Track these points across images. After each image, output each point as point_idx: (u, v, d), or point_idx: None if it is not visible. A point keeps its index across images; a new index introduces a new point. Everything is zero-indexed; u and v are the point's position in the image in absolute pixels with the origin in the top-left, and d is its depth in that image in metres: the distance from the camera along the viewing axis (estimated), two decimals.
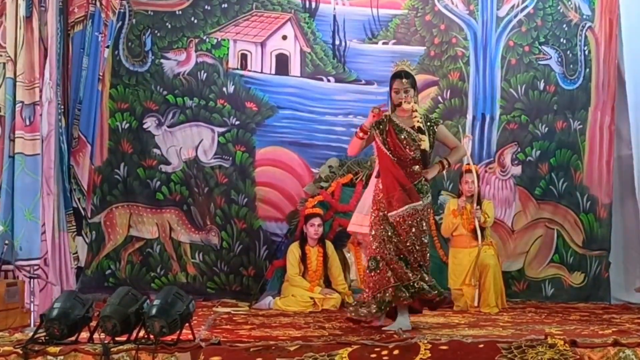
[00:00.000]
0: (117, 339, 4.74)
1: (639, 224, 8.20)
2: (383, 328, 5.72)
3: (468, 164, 7.76)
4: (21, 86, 6.36)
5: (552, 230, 8.71)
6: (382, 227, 5.81)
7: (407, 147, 5.83)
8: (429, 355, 4.51)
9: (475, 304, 7.39)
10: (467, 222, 7.57)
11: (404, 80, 5.87)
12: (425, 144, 5.77)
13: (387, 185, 5.82)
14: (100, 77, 7.51)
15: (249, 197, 8.54)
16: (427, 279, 5.80)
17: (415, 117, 5.82)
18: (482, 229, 7.53)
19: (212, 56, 8.60)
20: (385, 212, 5.79)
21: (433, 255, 7.96)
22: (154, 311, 4.69)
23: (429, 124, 5.96)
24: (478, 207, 7.52)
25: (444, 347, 4.56)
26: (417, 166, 5.83)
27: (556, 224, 8.71)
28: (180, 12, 8.57)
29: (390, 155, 5.84)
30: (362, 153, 8.47)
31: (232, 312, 7.25)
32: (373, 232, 5.87)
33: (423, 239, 5.81)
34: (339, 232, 8.23)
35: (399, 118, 5.93)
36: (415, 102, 5.92)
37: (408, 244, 5.75)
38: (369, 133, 5.96)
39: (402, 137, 5.85)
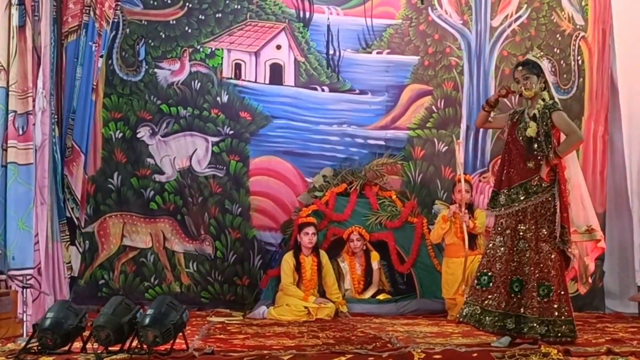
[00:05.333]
0: (110, 348, 4.73)
1: (633, 233, 8.20)
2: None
3: (466, 173, 7.78)
4: (14, 95, 6.33)
5: None
6: None
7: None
8: None
9: None
10: (460, 230, 7.55)
11: (519, 68, 5.69)
12: (531, 131, 5.49)
13: None
14: (94, 87, 7.50)
15: (243, 207, 8.53)
16: None
17: (539, 103, 5.60)
18: (475, 237, 7.54)
19: (206, 66, 8.60)
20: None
21: (427, 264, 8.05)
22: (147, 321, 4.68)
23: (545, 110, 5.59)
24: (466, 210, 7.49)
25: (438, 356, 4.55)
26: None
27: None
28: (174, 22, 8.57)
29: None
30: (355, 162, 8.62)
31: (226, 321, 7.22)
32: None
33: None
34: (333, 242, 8.23)
35: (527, 109, 5.68)
36: (541, 89, 5.66)
37: None
38: (493, 107, 5.80)
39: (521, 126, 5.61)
